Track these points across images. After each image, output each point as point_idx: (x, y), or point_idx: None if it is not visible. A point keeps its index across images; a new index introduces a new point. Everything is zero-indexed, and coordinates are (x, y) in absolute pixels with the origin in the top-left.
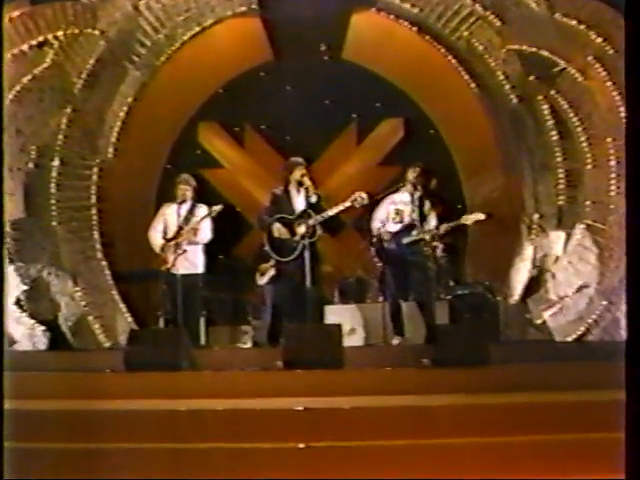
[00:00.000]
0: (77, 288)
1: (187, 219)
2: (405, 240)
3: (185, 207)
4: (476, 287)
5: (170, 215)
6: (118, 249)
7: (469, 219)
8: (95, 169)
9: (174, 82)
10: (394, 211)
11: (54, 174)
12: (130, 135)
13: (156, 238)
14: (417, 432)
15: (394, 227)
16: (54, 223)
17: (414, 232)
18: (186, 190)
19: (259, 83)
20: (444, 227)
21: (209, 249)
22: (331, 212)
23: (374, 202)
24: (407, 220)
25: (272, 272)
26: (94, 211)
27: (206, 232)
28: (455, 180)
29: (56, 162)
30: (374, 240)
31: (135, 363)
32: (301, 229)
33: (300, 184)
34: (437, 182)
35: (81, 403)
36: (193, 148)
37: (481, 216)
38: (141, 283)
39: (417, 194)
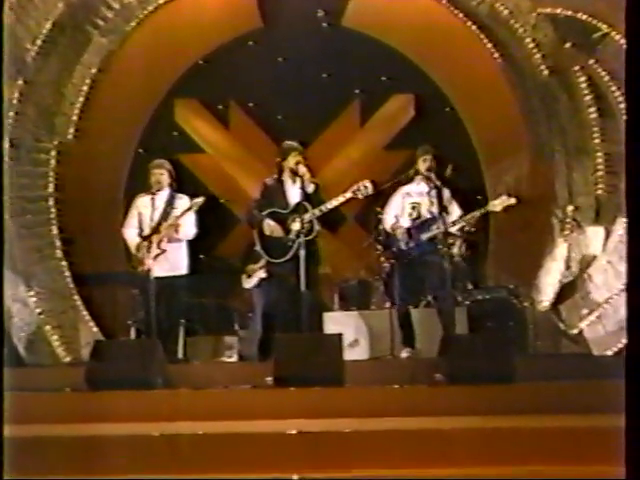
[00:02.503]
0: (31, 293)
1: (166, 212)
2: (425, 236)
3: (162, 197)
4: (499, 291)
5: (145, 208)
6: (80, 247)
7: (497, 205)
8: (52, 152)
9: (146, 51)
10: (410, 205)
11: (4, 158)
12: (94, 113)
13: (131, 236)
14: (429, 460)
15: (409, 223)
16: (5, 216)
17: (434, 226)
18: (160, 175)
19: (246, 54)
20: (471, 217)
21: (189, 247)
22: (330, 204)
23: (380, 192)
24: (425, 214)
25: (262, 274)
26: (51, 202)
27: (189, 227)
28: (474, 167)
29: (5, 144)
30: (381, 237)
31: (100, 381)
32: (296, 225)
33: (295, 172)
34: (453, 169)
35: (34, 429)
36: (169, 129)
37: (512, 200)
38: (108, 287)
39: (433, 183)
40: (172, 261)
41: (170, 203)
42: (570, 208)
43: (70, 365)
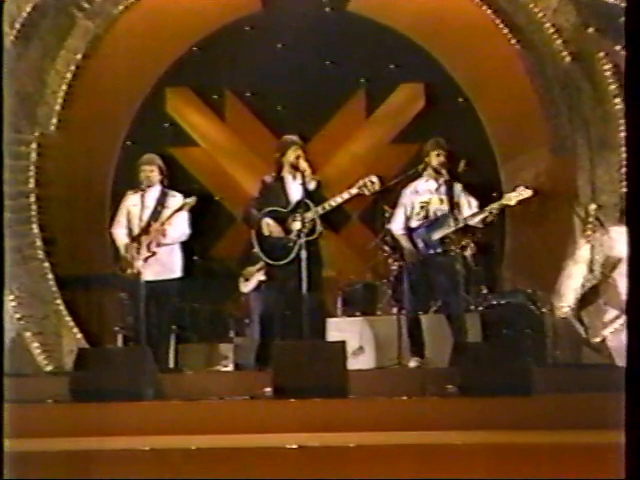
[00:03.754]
0: (11, 297)
1: (156, 211)
2: (435, 236)
3: (152, 195)
4: (516, 296)
5: (134, 206)
6: (64, 247)
7: (512, 198)
8: (33, 145)
9: (136, 36)
10: (419, 204)
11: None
12: (78, 102)
13: (120, 236)
14: (439, 477)
15: (418, 223)
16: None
17: (446, 225)
18: (151, 172)
19: (244, 39)
20: (487, 212)
21: (182, 249)
22: (334, 202)
23: (388, 189)
24: (435, 213)
25: (260, 277)
26: (32, 199)
27: (182, 227)
28: (489, 162)
29: None
30: (388, 237)
31: (85, 392)
32: (296, 224)
33: (295, 168)
34: (466, 165)
35: (13, 443)
36: (160, 120)
37: (528, 192)
38: (93, 290)
39: (443, 179)
40: (164, 263)
41: (161, 201)
42: (593, 207)
43: (52, 375)
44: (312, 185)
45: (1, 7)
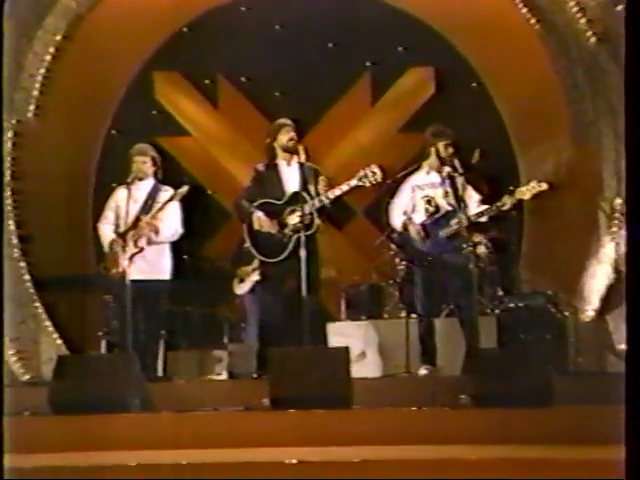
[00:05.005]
0: None
1: (146, 205)
2: (443, 232)
3: (143, 188)
4: (535, 298)
5: (122, 200)
6: (42, 245)
7: (526, 192)
8: (9, 133)
9: (121, 16)
10: (424, 200)
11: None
12: (58, 88)
13: (107, 232)
14: None
15: (425, 218)
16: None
17: (453, 221)
18: (143, 163)
19: (238, 20)
20: (497, 207)
21: (171, 247)
22: (332, 194)
23: (395, 182)
24: (442, 207)
25: (255, 278)
26: (8, 192)
27: (174, 225)
28: (506, 153)
29: None
30: (395, 234)
31: (65, 403)
32: (294, 218)
33: (289, 151)
34: (481, 155)
35: None
36: (147, 108)
37: (543, 186)
38: (75, 292)
39: (446, 170)
40: (151, 262)
41: (152, 195)
42: (619, 201)
43: (29, 385)
44: (309, 171)
45: (1, 7)
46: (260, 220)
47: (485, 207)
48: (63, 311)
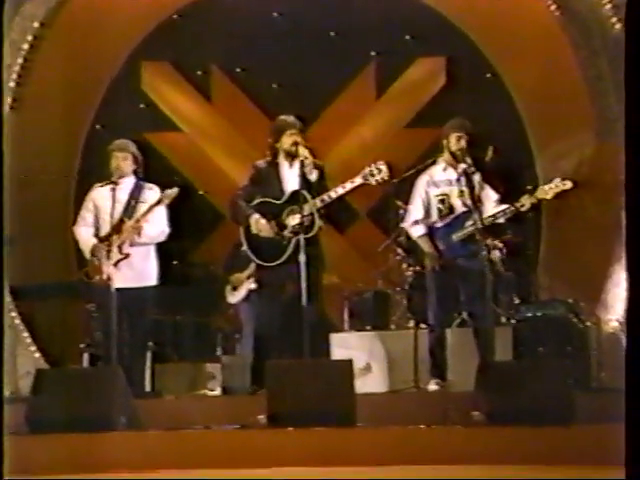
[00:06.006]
0: None
1: (129, 206)
2: (456, 236)
3: (125, 187)
4: (555, 307)
5: (103, 201)
6: (19, 250)
7: (548, 191)
8: None
9: (105, 1)
10: (438, 198)
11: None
12: (37, 78)
13: (85, 236)
14: None
15: (437, 220)
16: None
17: (468, 223)
18: (123, 160)
19: (233, 6)
20: (515, 208)
21: (159, 251)
22: (334, 193)
23: (402, 180)
24: (457, 207)
25: (251, 285)
26: None
27: (160, 225)
28: (523, 149)
29: None
30: (402, 237)
31: (45, 421)
32: (294, 219)
33: (292, 155)
34: (495, 152)
35: None
36: (134, 100)
37: (567, 184)
38: (54, 301)
39: (462, 167)
40: (138, 268)
41: (135, 195)
42: None
43: (6, 401)
44: (313, 175)
45: (1, 7)
46: (258, 222)
47: (503, 207)
48: (42, 321)
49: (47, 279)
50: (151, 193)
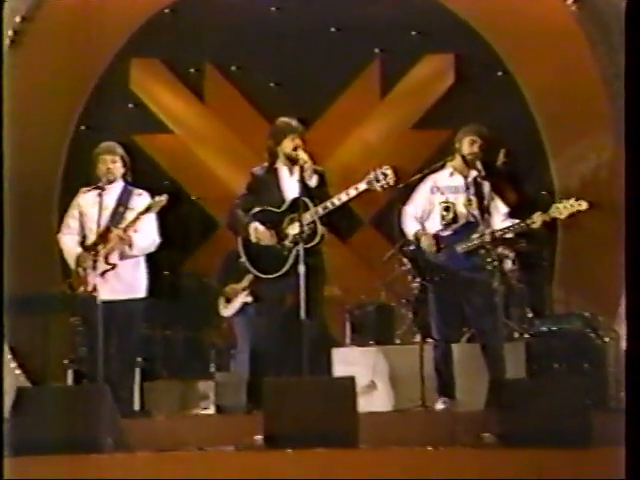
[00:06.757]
0: None
1: (117, 213)
2: (460, 247)
3: (112, 193)
4: (571, 321)
5: (89, 207)
6: None
7: (563, 211)
8: None
9: None
10: (442, 206)
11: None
12: (18, 76)
13: (70, 245)
14: None
15: (441, 227)
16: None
17: (475, 235)
18: (112, 163)
19: (228, 0)
20: (526, 225)
21: (149, 262)
22: (338, 200)
23: (408, 186)
24: (462, 216)
25: (246, 297)
26: None
27: (150, 234)
28: (537, 152)
29: None
30: (408, 246)
31: (26, 442)
32: (293, 228)
33: (293, 160)
34: (507, 155)
35: None
36: (122, 100)
37: (582, 205)
38: (36, 314)
39: (473, 174)
40: (126, 280)
41: (123, 201)
42: None
43: None
44: (313, 181)
45: (1, 7)
46: (257, 231)
47: (512, 223)
48: (23, 337)
49: (28, 291)
50: (140, 199)
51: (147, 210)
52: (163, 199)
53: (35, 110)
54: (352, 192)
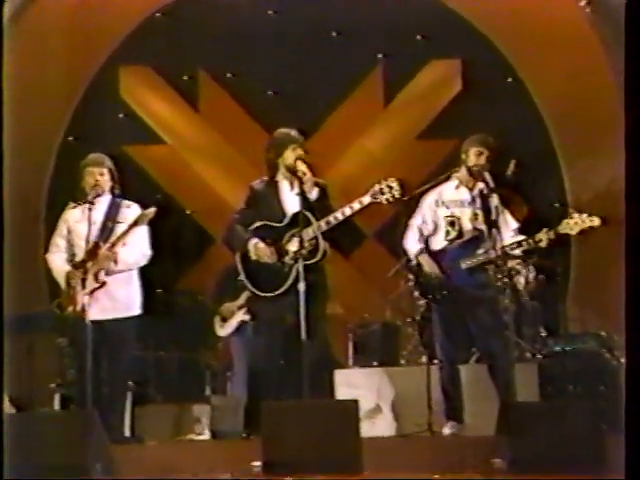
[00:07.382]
0: None
1: (106, 228)
2: (465, 264)
3: (100, 208)
4: (585, 340)
5: (77, 223)
6: None
7: (574, 227)
8: None
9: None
10: (447, 220)
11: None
12: (3, 83)
13: (58, 263)
14: None
15: (445, 243)
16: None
17: (480, 251)
18: (100, 176)
19: (223, 4)
20: (534, 242)
21: (141, 279)
22: (341, 215)
23: (413, 199)
24: (468, 231)
25: (243, 316)
26: None
27: (139, 248)
28: (550, 163)
29: None
30: (413, 263)
31: (10, 469)
32: (294, 244)
33: (294, 172)
34: (518, 166)
35: None
36: (112, 109)
37: (595, 221)
38: (22, 335)
39: (479, 187)
40: (117, 297)
41: (112, 215)
42: None
43: None
44: (314, 194)
45: (1, 7)
46: (258, 248)
47: (519, 238)
48: (8, 358)
49: (14, 311)
50: (129, 211)
51: (136, 223)
52: (152, 211)
53: (22, 119)
54: (356, 206)
